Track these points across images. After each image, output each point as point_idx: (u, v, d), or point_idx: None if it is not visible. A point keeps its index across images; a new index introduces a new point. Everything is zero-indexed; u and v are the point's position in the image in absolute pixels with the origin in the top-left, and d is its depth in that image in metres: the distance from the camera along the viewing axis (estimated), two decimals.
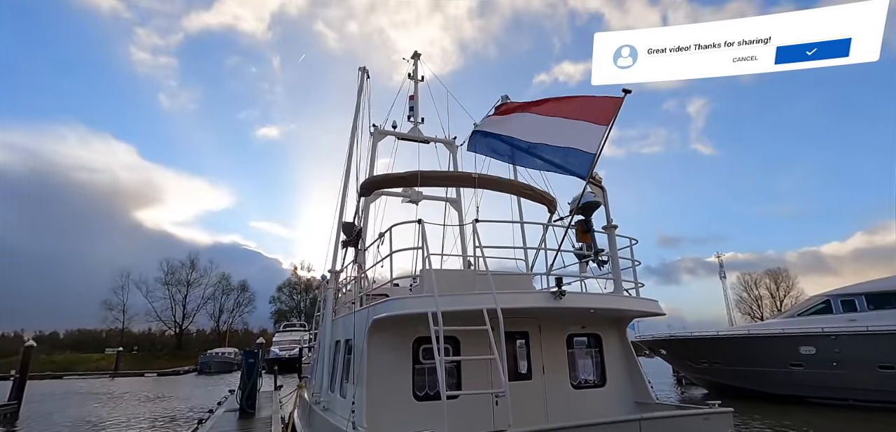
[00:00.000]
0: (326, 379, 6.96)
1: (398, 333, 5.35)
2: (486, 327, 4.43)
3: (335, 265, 8.31)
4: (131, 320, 65.82)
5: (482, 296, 4.70)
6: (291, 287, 76.26)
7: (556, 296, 5.00)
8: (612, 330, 6.61)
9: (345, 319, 6.90)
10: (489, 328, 4.42)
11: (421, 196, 10.63)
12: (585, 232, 5.80)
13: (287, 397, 15.31)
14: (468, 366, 5.60)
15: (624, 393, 6.44)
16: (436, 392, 5.48)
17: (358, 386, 5.00)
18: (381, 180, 7.51)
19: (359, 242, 6.53)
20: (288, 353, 43.12)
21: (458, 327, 4.39)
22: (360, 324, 5.52)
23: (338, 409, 6.10)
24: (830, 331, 16.70)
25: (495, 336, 4.41)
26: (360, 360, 5.13)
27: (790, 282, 57.28)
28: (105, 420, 18.21)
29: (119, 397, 26.90)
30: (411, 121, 11.00)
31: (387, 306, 4.98)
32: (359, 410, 4.78)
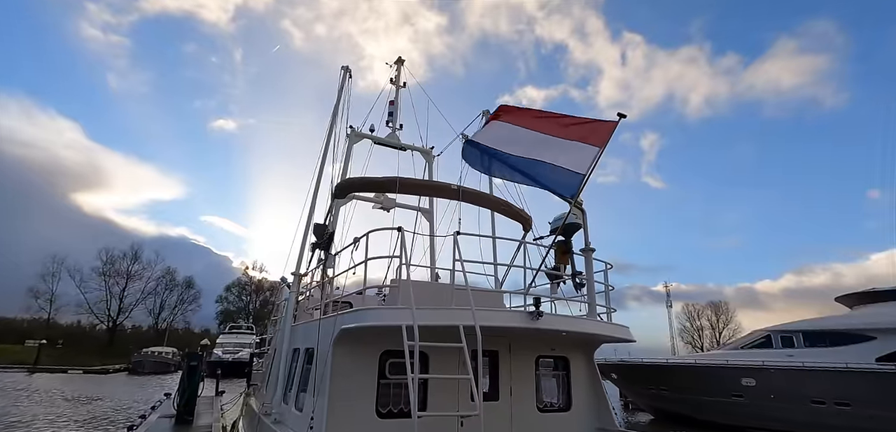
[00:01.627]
0: (280, 389, 6.43)
1: (365, 345, 5.00)
2: (461, 344, 4.18)
3: (299, 268, 7.80)
4: (59, 311, 60.41)
5: (460, 311, 4.46)
6: (241, 287, 72.98)
7: (534, 316, 4.84)
8: (580, 354, 6.54)
9: (306, 326, 6.43)
10: (465, 345, 4.17)
11: (393, 203, 10.31)
12: (565, 253, 5.71)
13: (229, 404, 14.28)
14: (434, 385, 5.32)
15: (588, 418, 6.35)
16: (399, 410, 5.16)
17: (319, 400, 4.58)
18: (357, 183, 7.14)
19: (330, 246, 6.11)
20: (232, 357, 40.93)
21: (431, 343, 4.11)
22: (324, 332, 5.11)
23: (292, 423, 5.61)
24: (769, 365, 17.69)
25: (470, 354, 4.18)
26: (323, 371, 4.73)
27: (729, 314, 61.03)
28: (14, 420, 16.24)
29: (34, 395, 24.22)
30: (390, 126, 10.70)
31: (357, 316, 4.62)
32: (318, 425, 4.37)
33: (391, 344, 5.07)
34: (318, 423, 4.39)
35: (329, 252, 6.08)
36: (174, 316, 67.31)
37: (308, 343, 5.93)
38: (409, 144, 10.89)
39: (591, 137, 4.62)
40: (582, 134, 4.70)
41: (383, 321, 4.45)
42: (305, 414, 5.17)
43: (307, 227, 8.11)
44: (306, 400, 5.30)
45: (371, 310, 4.59)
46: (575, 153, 4.68)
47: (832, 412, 16.09)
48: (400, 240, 4.79)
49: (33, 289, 58.10)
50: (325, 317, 5.34)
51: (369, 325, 4.49)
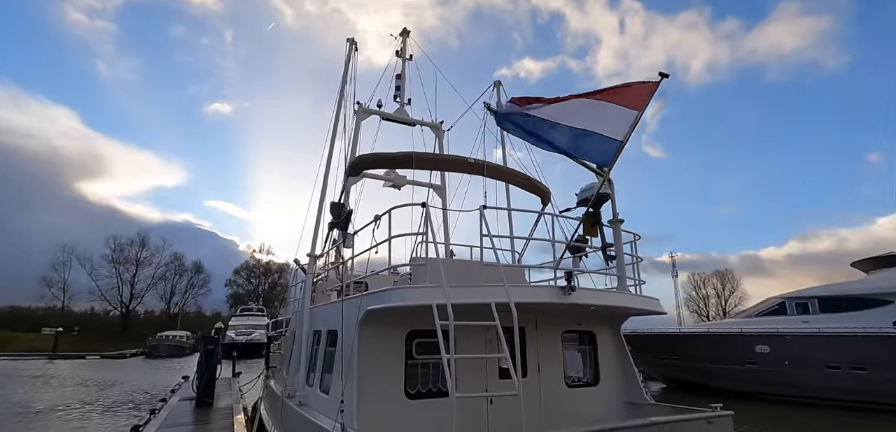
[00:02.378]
0: (302, 372, 6.37)
1: (391, 326, 4.88)
2: (494, 322, 4.05)
3: (315, 249, 7.67)
4: (72, 299, 61.39)
5: (492, 288, 4.32)
6: (249, 270, 73.57)
7: (565, 291, 4.69)
8: (607, 328, 6.42)
9: (327, 308, 6.32)
10: (498, 323, 4.03)
11: (404, 181, 10.09)
12: (594, 224, 5.51)
13: (247, 385, 14.44)
14: (461, 364, 5.21)
15: (617, 392, 6.27)
16: (428, 390, 5.07)
17: (347, 382, 4.49)
18: (371, 160, 6.92)
19: (348, 225, 5.94)
20: (245, 339, 41.54)
21: (464, 322, 3.97)
22: (348, 314, 4.99)
23: (317, 405, 5.56)
24: (784, 332, 17.63)
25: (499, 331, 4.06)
26: (349, 354, 4.63)
27: (735, 282, 60.91)
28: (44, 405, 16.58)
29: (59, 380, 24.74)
30: (397, 100, 10.39)
31: (384, 296, 4.48)
32: (349, 409, 4.29)
33: (418, 324, 4.95)
34: (348, 407, 4.30)
35: (347, 231, 5.91)
36: (185, 300, 68.32)
37: (330, 325, 5.83)
38: (419, 119, 10.60)
39: (628, 100, 4.35)
40: (619, 97, 4.42)
41: (412, 301, 4.31)
42: (332, 397, 5.10)
43: (320, 207, 7.94)
44: (332, 382, 5.22)
45: (398, 290, 4.44)
46: (611, 117, 4.42)
47: (848, 376, 16.06)
48: (424, 215, 4.62)
49: (46, 278, 59.09)
50: (348, 298, 5.22)
51: (397, 306, 4.35)
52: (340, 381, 4.85)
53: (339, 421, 4.17)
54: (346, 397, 4.37)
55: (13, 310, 60.97)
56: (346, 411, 4.26)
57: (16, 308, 60.62)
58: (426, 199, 10.15)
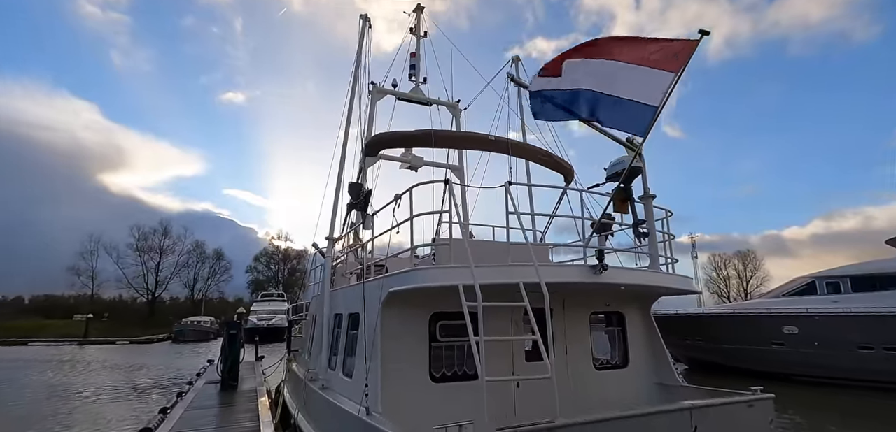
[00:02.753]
0: (324, 355, 6.35)
1: (415, 308, 4.77)
2: (523, 303, 3.89)
3: (333, 231, 7.60)
4: (101, 286, 63.63)
5: (521, 268, 4.15)
6: (269, 257, 74.95)
7: (596, 270, 4.49)
8: (636, 308, 6.21)
9: (348, 291, 6.26)
10: (527, 304, 3.88)
11: (421, 162, 9.92)
12: (624, 200, 5.26)
13: (270, 369, 14.69)
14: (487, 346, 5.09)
15: (646, 374, 6.08)
16: (453, 373, 4.97)
17: (371, 366, 4.41)
18: (389, 138, 6.76)
19: (367, 205, 5.82)
20: (267, 323, 42.45)
21: (494, 302, 3.83)
22: (370, 296, 4.90)
23: (340, 388, 5.52)
24: (814, 312, 17.07)
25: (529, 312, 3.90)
26: (373, 337, 4.54)
27: (757, 263, 59.37)
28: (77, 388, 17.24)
29: (92, 365, 25.72)
30: (412, 79, 10.17)
31: (407, 277, 4.36)
32: (373, 393, 4.21)
33: (442, 306, 4.85)
34: (372, 390, 4.23)
35: (366, 211, 5.79)
36: (208, 286, 70.08)
37: (351, 308, 5.76)
38: (435, 99, 10.37)
39: (664, 61, 4.03)
40: (655, 57, 4.10)
41: (437, 281, 4.18)
42: (356, 381, 5.04)
43: (337, 189, 7.85)
44: (355, 365, 5.17)
45: (422, 270, 4.31)
46: (646, 81, 4.12)
47: (880, 357, 15.50)
48: (447, 193, 4.45)
49: (74, 267, 61.21)
50: (370, 280, 5.12)
51: (421, 287, 4.22)
52: (364, 364, 4.78)
53: (364, 404, 4.10)
54: (369, 380, 4.30)
55: (47, 298, 63.67)
56: (371, 395, 4.19)
57: (50, 296, 63.28)
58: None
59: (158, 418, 8.65)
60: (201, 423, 8.43)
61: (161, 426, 8.15)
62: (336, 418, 4.90)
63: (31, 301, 65.65)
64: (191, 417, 8.88)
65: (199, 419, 8.76)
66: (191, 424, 8.32)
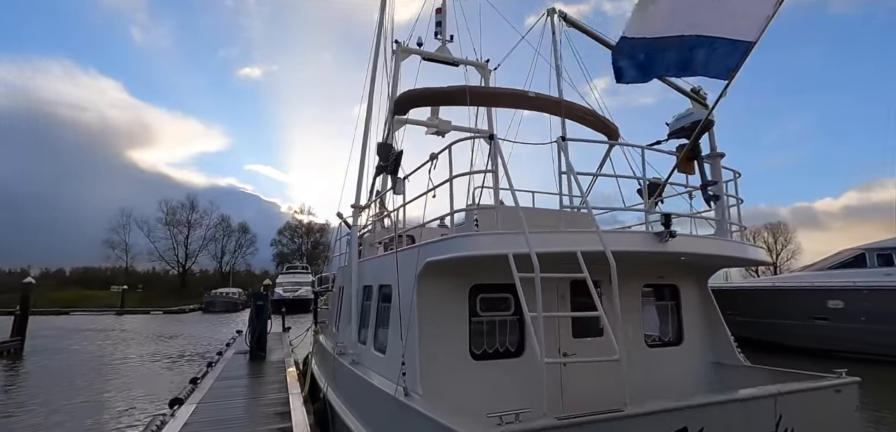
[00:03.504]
0: (354, 329, 6.06)
1: (453, 280, 4.37)
2: (582, 274, 3.42)
3: (359, 199, 7.21)
4: (134, 259, 66.25)
5: (579, 235, 3.67)
6: (292, 230, 76.32)
7: (663, 237, 3.96)
8: (692, 281, 5.66)
9: (378, 261, 5.90)
10: (587, 275, 3.41)
11: (449, 126, 9.36)
12: (690, 159, 4.65)
13: (297, 340, 14.76)
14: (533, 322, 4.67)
15: (702, 352, 5.56)
16: (494, 349, 4.57)
17: (408, 343, 4.05)
18: (419, 96, 6.25)
19: (398, 168, 5.37)
20: (292, 295, 43.33)
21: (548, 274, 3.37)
22: (405, 267, 4.51)
23: (372, 365, 5.22)
24: (863, 286, 16.04)
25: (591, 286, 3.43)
26: (409, 311, 4.16)
27: (788, 235, 56.84)
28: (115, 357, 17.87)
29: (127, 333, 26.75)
30: (438, 38, 9.52)
31: (448, 245, 3.92)
32: (411, 372, 3.86)
33: (482, 278, 4.44)
34: (410, 369, 3.88)
35: (397, 175, 5.35)
36: (235, 259, 72.05)
37: (382, 279, 5.40)
38: (462, 58, 9.72)
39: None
40: None
41: (483, 249, 3.72)
42: (390, 358, 4.72)
43: (363, 155, 7.43)
44: (389, 341, 4.83)
45: (464, 238, 3.85)
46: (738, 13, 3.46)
47: None
48: (493, 149, 3.96)
49: (108, 241, 63.75)
50: (403, 250, 4.71)
51: (465, 256, 3.78)
52: (398, 340, 4.44)
53: (402, 384, 3.76)
54: (407, 359, 3.94)
55: (87, 270, 66.76)
56: (409, 374, 3.84)
57: (89, 269, 66.33)
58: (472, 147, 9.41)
59: (189, 389, 8.66)
60: (231, 394, 8.39)
61: (191, 395, 8.14)
62: (370, 397, 4.61)
63: (71, 273, 68.96)
64: (220, 388, 8.87)
65: (229, 390, 8.74)
66: (220, 395, 8.29)
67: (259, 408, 7.42)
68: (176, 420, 6.67)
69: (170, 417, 6.83)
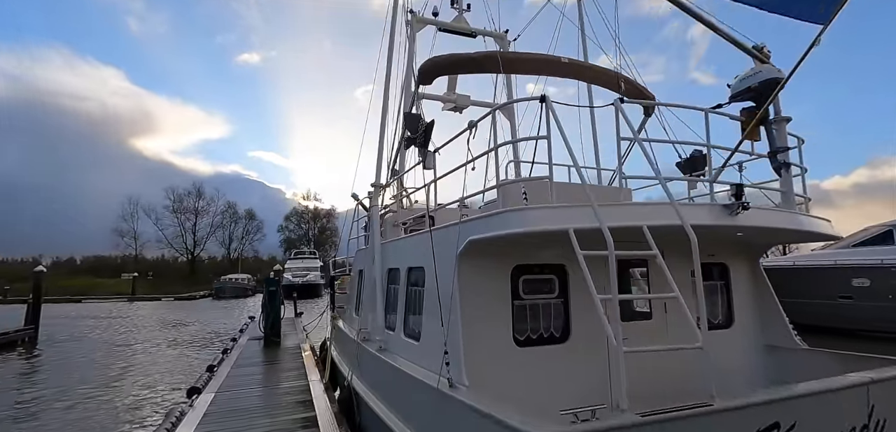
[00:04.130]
0: (379, 314, 5.73)
1: (495, 260, 4.01)
2: (652, 252, 3.07)
3: (380, 177, 6.82)
4: (144, 247, 66.71)
5: (645, 208, 3.29)
6: (299, 216, 76.33)
7: (732, 209, 3.57)
8: (743, 259, 5.27)
9: (406, 242, 5.54)
10: (657, 253, 3.04)
11: (468, 101, 8.91)
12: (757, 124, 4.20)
13: (311, 324, 14.57)
14: (578, 306, 4.33)
15: (754, 335, 5.20)
16: (539, 335, 4.23)
17: (450, 330, 3.71)
18: (446, 62, 5.80)
19: (429, 140, 4.93)
20: (301, 280, 43.41)
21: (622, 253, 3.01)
22: (442, 246, 4.15)
23: (404, 352, 4.91)
24: (890, 263, 15.53)
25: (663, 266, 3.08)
26: (450, 296, 3.82)
27: None
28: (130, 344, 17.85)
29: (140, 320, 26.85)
30: (455, 7, 9.00)
31: (496, 221, 3.53)
32: (455, 361, 3.53)
33: (525, 258, 4.08)
34: (454, 357, 3.54)
35: (427, 148, 4.93)
36: (243, 246, 72.27)
37: (412, 261, 5.05)
38: (480, 29, 9.20)
39: None
40: None
41: (539, 225, 3.33)
42: (424, 345, 4.40)
43: (381, 131, 7.02)
44: (423, 327, 4.50)
45: (515, 213, 3.45)
46: None
47: None
48: (546, 112, 3.55)
49: (117, 229, 64.11)
50: (439, 228, 4.34)
51: (517, 233, 3.38)
52: (435, 326, 4.12)
53: (446, 375, 3.42)
54: (450, 347, 3.61)
55: (98, 258, 67.32)
56: (453, 363, 3.50)
57: (100, 257, 66.87)
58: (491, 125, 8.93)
59: (206, 377, 8.45)
60: (248, 382, 8.17)
61: (209, 384, 7.92)
62: (406, 388, 4.29)
63: (82, 261, 69.55)
64: (237, 375, 8.66)
65: (246, 377, 8.52)
66: (238, 382, 8.07)
67: (279, 396, 7.19)
68: (195, 410, 6.44)
69: (189, 407, 6.60)
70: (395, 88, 7.67)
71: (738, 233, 4.01)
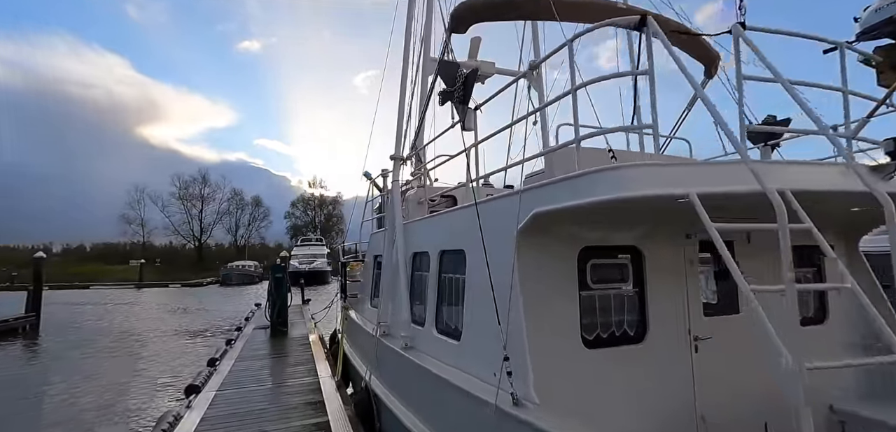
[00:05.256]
0: (404, 307, 4.88)
1: (559, 240, 3.15)
2: (805, 224, 2.21)
3: (400, 149, 5.93)
4: (151, 234, 66.57)
5: (777, 168, 2.43)
6: (305, 203, 75.81)
7: (885, 170, 2.67)
8: (840, 243, 4.36)
9: (435, 221, 4.68)
10: (812, 226, 2.19)
11: (492, 69, 7.93)
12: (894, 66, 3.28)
13: (320, 312, 13.84)
14: (654, 297, 3.48)
15: (848, 331, 4.30)
16: (610, 334, 3.38)
17: (511, 330, 2.85)
18: (481, 6, 4.83)
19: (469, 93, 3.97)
20: (307, 266, 42.99)
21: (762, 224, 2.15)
22: (495, 223, 3.29)
23: (440, 353, 4.08)
24: None
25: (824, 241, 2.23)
26: (508, 287, 2.96)
27: None
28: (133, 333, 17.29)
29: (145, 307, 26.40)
30: None
31: (581, 185, 2.58)
32: (521, 371, 2.70)
33: (594, 238, 3.22)
34: (519, 365, 2.71)
35: (467, 104, 3.98)
36: (250, 232, 71.91)
37: (448, 243, 4.20)
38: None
39: None
40: None
41: (647, 188, 2.36)
42: (467, 345, 3.57)
43: (402, 92, 6.09)
44: (465, 324, 3.66)
45: (610, 173, 2.48)
46: None
47: None
48: (648, 37, 2.65)
49: (125, 216, 63.89)
50: (491, 199, 3.43)
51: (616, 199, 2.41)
52: (482, 322, 3.29)
53: (508, 389, 2.59)
54: (512, 352, 2.76)
55: (107, 246, 67.36)
56: (517, 373, 2.67)
57: (109, 244, 66.89)
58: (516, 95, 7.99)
59: (206, 372, 7.71)
60: (253, 379, 7.42)
61: (209, 381, 7.18)
62: (447, 400, 3.44)
63: (92, 248, 69.57)
64: (241, 370, 7.92)
65: (251, 374, 7.77)
66: (241, 380, 7.32)
67: (286, 397, 6.43)
68: (191, 413, 5.68)
69: (185, 409, 5.85)
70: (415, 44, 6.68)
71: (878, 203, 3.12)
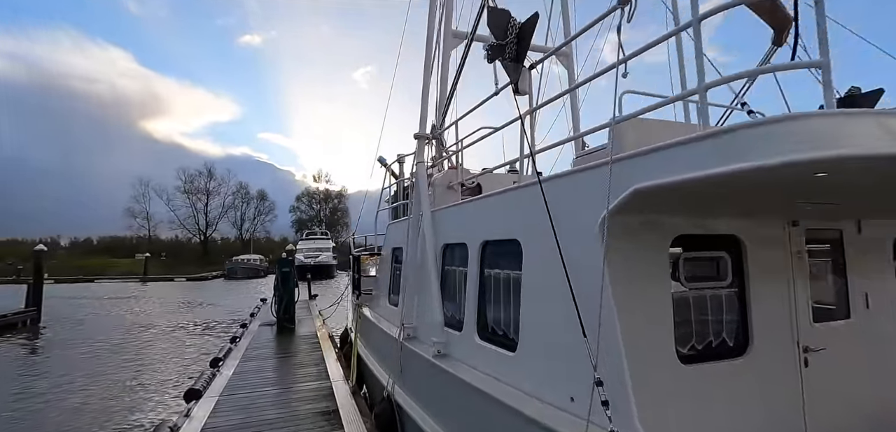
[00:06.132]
0: (436, 310, 4.18)
1: (649, 229, 2.47)
2: None
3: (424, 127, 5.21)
4: (157, 227, 66.39)
5: None
6: (310, 196, 75.40)
7: None
8: None
9: (475, 206, 3.98)
10: None
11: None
12: None
13: (328, 308, 13.23)
14: (756, 300, 2.79)
15: None
16: (707, 344, 2.70)
17: (604, 343, 2.17)
18: None
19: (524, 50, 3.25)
20: (313, 260, 42.67)
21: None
22: (566, 207, 2.60)
23: (483, 364, 3.41)
24: None
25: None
26: (585, 286, 2.29)
27: None
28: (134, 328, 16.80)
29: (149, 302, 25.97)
30: None
31: (727, 146, 1.72)
32: (620, 397, 2.04)
33: (689, 226, 2.54)
34: (616, 389, 2.06)
35: (522, 62, 3.26)
36: (255, 226, 71.59)
37: (493, 232, 3.52)
38: None
39: None
40: None
41: (822, 149, 1.55)
42: (528, 358, 2.91)
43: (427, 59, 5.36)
44: (521, 333, 2.99)
45: (796, 122, 1.62)
46: None
47: None
48: None
49: (130, 210, 63.72)
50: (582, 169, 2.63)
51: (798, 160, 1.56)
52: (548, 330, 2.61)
53: (608, 426, 1.92)
54: (605, 372, 2.09)
55: (113, 239, 67.29)
56: (615, 400, 2.00)
57: (115, 238, 66.83)
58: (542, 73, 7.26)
59: (209, 374, 7.10)
60: (258, 382, 6.80)
61: (212, 385, 6.56)
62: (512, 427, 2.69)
63: (98, 242, 69.50)
64: (246, 373, 7.30)
65: (256, 377, 7.15)
66: (246, 384, 6.70)
67: (296, 403, 5.80)
68: (191, 422, 5.06)
69: (184, 418, 5.23)
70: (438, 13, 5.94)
71: None
